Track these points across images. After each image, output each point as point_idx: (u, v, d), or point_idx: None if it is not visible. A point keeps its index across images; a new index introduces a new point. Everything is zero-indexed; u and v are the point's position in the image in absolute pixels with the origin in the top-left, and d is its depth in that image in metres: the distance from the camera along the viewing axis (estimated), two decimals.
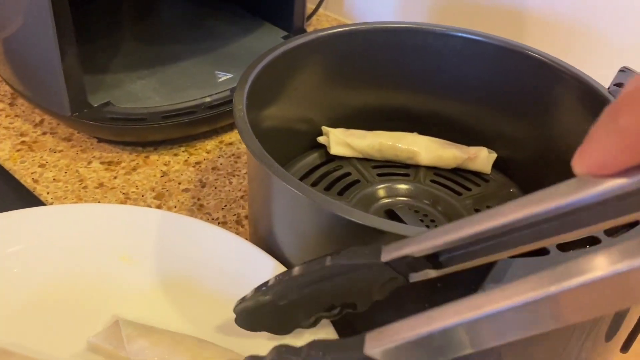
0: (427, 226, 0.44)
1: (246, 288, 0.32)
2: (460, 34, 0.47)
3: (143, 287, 0.37)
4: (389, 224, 0.29)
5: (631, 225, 0.29)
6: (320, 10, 0.78)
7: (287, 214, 0.34)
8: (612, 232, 0.29)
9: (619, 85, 0.40)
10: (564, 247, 0.28)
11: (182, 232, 0.38)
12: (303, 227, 0.34)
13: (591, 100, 0.41)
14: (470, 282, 0.30)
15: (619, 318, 0.30)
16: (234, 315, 0.31)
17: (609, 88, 0.40)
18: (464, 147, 0.50)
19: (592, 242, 0.29)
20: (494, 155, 0.49)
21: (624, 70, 0.41)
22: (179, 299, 0.37)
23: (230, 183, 0.51)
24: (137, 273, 0.37)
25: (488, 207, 0.45)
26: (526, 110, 0.47)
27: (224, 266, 0.37)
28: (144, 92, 0.54)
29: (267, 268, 0.35)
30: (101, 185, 0.50)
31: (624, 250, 0.16)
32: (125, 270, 0.37)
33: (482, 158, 0.49)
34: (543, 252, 0.28)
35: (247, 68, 0.41)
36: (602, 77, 0.42)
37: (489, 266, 0.27)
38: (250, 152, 0.34)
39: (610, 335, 0.31)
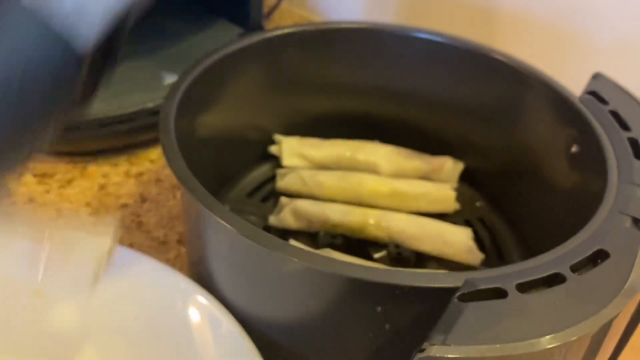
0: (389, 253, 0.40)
1: (175, 325, 0.27)
2: (423, 36, 0.44)
3: (57, 325, 0.33)
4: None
5: (594, 262, 0.26)
6: (284, 4, 0.73)
7: (216, 244, 0.30)
8: (577, 268, 0.26)
9: (591, 93, 0.37)
10: (524, 287, 0.25)
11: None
12: (234, 260, 0.30)
13: (561, 109, 0.38)
14: (417, 328, 0.26)
15: (596, 342, 0.27)
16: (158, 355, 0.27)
17: (580, 96, 0.37)
18: (428, 157, 0.46)
19: (554, 280, 0.25)
20: (461, 166, 0.46)
21: (596, 77, 0.37)
22: (96, 337, 0.32)
23: (174, 197, 0.47)
24: (51, 309, 0.33)
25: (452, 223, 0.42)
26: (494, 117, 0.43)
27: (150, 300, 0.33)
28: None
29: (198, 303, 0.32)
30: (32, 200, 0.45)
31: None
32: (38, 306, 0.33)
33: (447, 169, 0.45)
34: (500, 294, 0.24)
35: (181, 74, 0.36)
36: (579, 82, 0.38)
37: (439, 311, 0.24)
38: (175, 174, 0.30)
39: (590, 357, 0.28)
